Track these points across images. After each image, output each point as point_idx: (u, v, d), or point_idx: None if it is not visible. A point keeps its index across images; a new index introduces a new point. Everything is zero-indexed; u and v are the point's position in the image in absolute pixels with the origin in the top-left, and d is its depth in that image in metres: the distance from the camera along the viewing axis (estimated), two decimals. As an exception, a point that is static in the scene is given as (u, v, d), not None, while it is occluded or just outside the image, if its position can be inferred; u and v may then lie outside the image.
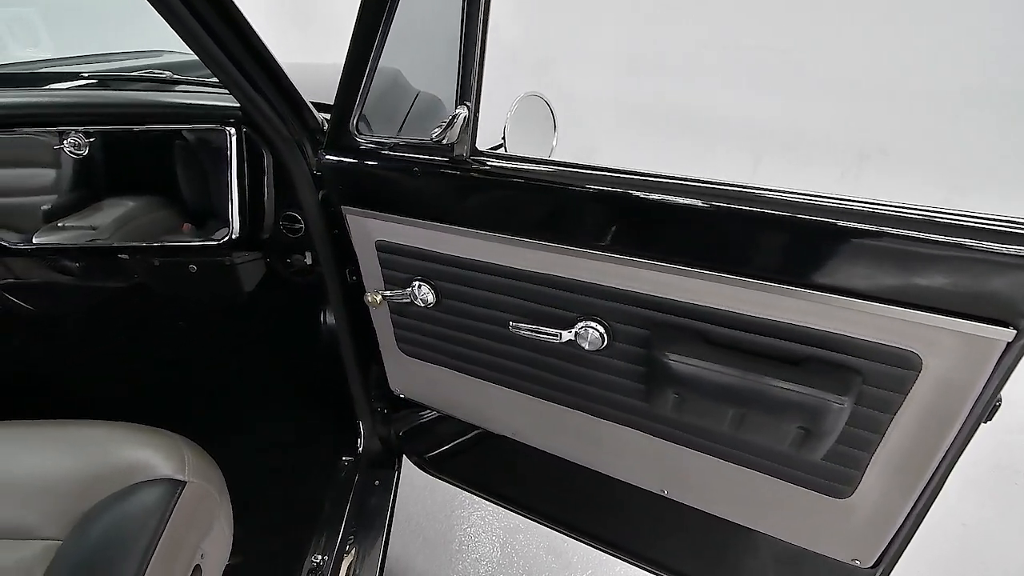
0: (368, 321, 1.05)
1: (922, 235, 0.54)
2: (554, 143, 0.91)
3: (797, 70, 2.40)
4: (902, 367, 0.60)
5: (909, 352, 0.59)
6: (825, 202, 0.59)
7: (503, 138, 0.82)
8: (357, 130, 0.85)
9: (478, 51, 0.69)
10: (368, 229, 0.91)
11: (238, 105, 0.91)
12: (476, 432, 1.15)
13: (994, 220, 0.53)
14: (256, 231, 1.03)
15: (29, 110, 0.96)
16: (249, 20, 0.77)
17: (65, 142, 0.94)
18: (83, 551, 0.71)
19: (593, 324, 0.76)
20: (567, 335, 0.77)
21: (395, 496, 1.25)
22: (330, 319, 1.36)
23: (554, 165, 0.74)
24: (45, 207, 1.03)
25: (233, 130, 0.92)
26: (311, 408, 1.51)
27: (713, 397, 0.68)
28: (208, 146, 0.95)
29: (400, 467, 1.31)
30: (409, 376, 1.09)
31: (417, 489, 1.63)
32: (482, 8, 0.67)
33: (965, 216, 0.54)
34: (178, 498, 0.78)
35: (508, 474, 1.20)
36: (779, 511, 0.79)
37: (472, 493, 1.24)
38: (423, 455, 1.28)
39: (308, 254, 1.16)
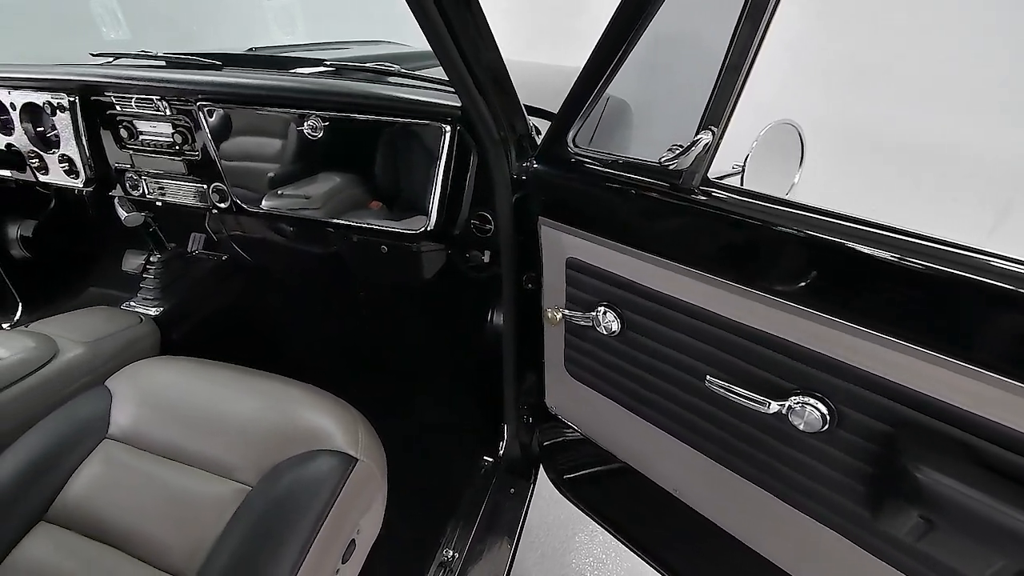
0: (534, 329, 1.03)
1: None
2: (796, 180, 0.79)
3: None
4: None
5: None
6: None
7: (739, 167, 0.72)
8: (572, 143, 0.81)
9: (742, 78, 0.60)
10: (562, 244, 0.87)
11: (456, 104, 0.93)
12: (619, 465, 1.07)
13: None
14: (450, 225, 1.05)
15: (281, 92, 1.07)
16: (489, 23, 0.76)
17: (305, 124, 1.04)
18: (266, 505, 0.78)
19: (814, 401, 0.64)
20: (776, 406, 0.66)
21: (528, 508, 1.23)
22: (496, 319, 1.36)
23: (794, 207, 0.63)
24: (272, 176, 1.15)
25: (449, 128, 0.94)
26: (462, 401, 1.55)
27: (981, 539, 0.52)
28: (422, 140, 0.98)
29: (536, 480, 1.29)
30: (570, 398, 1.04)
31: (542, 501, 1.60)
32: (759, 36, 0.58)
33: None
34: (349, 474, 0.82)
35: (647, 519, 1.10)
36: None
37: (600, 524, 1.17)
38: (561, 473, 1.24)
39: (487, 252, 1.17)
